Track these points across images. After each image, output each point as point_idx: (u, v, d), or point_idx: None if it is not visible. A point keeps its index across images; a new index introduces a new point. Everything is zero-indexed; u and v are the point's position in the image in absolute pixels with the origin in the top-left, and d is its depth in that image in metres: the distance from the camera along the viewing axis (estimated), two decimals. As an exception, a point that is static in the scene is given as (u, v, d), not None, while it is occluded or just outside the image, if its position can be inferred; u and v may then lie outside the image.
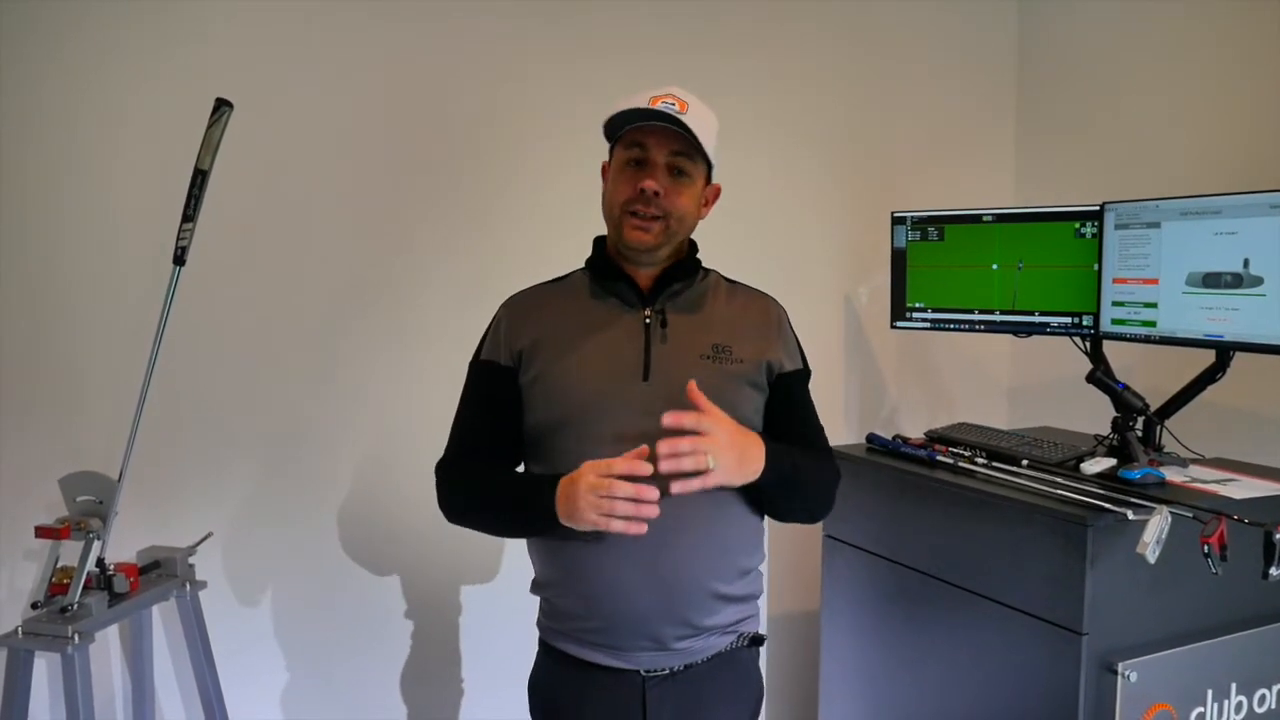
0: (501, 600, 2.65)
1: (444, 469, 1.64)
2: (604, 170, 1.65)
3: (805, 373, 1.70)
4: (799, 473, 1.55)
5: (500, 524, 1.68)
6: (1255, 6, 2.47)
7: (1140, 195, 2.23)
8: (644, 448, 1.39)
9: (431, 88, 2.51)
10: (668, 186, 1.54)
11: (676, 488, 1.37)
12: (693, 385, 1.43)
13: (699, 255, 1.67)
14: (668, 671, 1.56)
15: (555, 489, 1.46)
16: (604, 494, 1.38)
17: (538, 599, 1.68)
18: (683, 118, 1.50)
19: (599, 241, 1.68)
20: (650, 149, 1.53)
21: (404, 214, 2.51)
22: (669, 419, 1.38)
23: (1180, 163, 2.66)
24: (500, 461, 1.63)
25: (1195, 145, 2.63)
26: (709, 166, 1.61)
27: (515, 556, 2.56)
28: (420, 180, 2.52)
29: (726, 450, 1.41)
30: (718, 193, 1.66)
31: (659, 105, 1.51)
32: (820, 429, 1.70)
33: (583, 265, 1.70)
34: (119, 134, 2.22)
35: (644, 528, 1.39)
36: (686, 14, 2.75)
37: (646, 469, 1.38)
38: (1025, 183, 3.22)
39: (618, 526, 1.38)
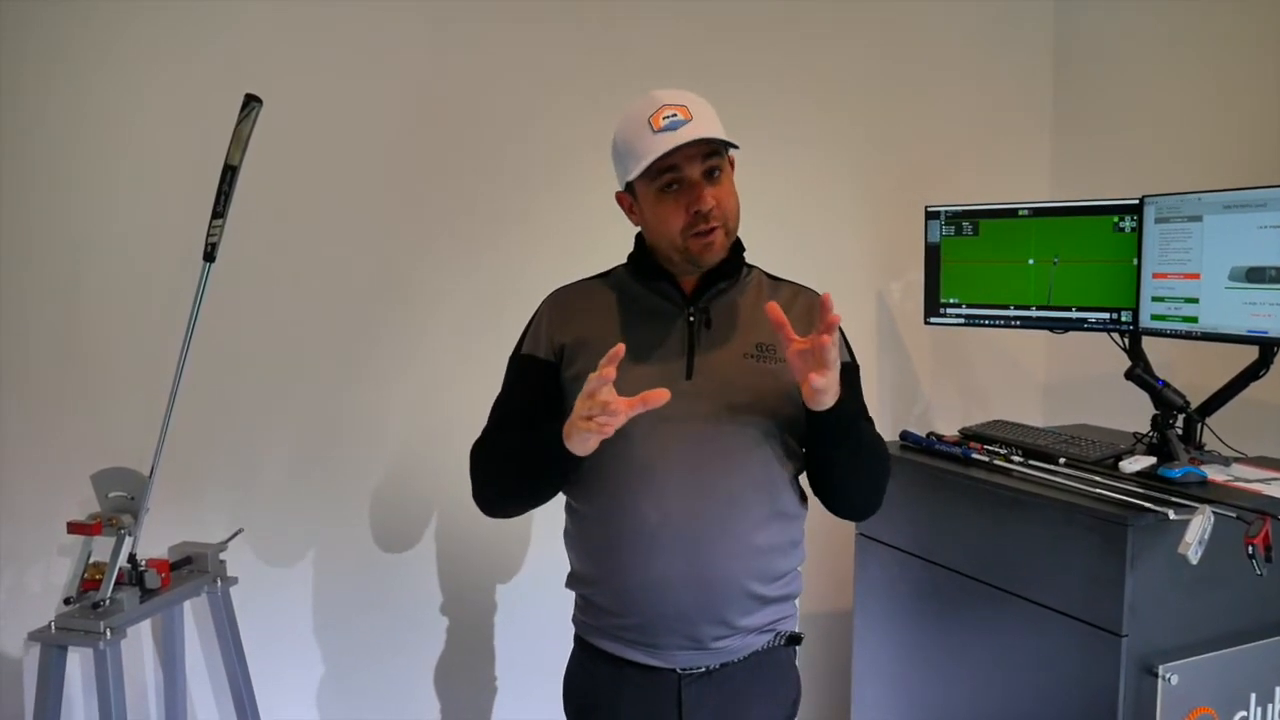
0: (536, 598, 2.65)
1: (475, 448, 1.63)
2: (620, 200, 1.61)
3: (851, 365, 1.66)
4: (860, 431, 1.55)
5: (524, 479, 1.58)
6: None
7: (1176, 190, 2.18)
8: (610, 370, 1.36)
9: (462, 91, 2.50)
10: (714, 195, 1.51)
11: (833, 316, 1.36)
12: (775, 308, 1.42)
13: (744, 253, 1.65)
14: (704, 670, 1.55)
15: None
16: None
17: (572, 595, 1.67)
18: (693, 125, 1.46)
19: (640, 238, 1.65)
20: (683, 169, 1.49)
21: (434, 213, 2.51)
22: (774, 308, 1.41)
23: (1220, 157, 2.60)
24: None
25: (1236, 138, 2.57)
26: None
27: (549, 554, 2.54)
28: (451, 181, 2.52)
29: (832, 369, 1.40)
30: (732, 163, 1.60)
31: (663, 123, 1.46)
32: (870, 423, 1.66)
33: (624, 261, 1.68)
34: (148, 129, 2.24)
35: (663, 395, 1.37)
36: (718, 14, 2.73)
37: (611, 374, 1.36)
38: (1061, 178, 3.16)
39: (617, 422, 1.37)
